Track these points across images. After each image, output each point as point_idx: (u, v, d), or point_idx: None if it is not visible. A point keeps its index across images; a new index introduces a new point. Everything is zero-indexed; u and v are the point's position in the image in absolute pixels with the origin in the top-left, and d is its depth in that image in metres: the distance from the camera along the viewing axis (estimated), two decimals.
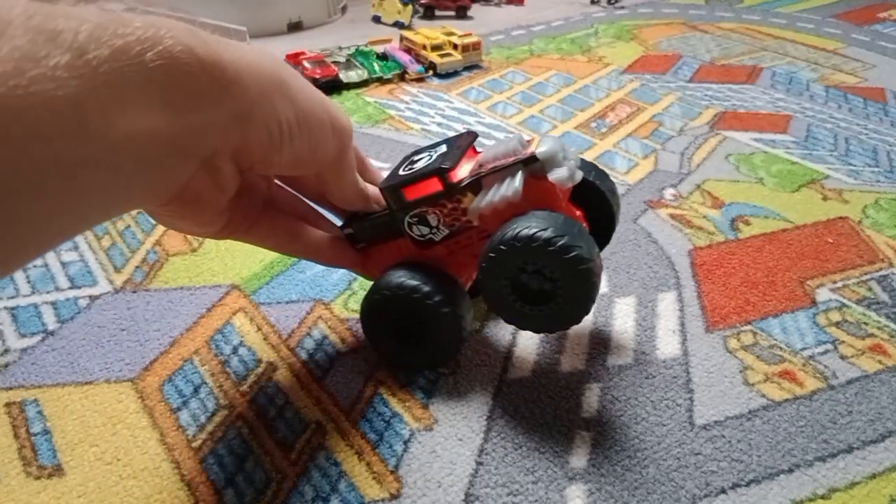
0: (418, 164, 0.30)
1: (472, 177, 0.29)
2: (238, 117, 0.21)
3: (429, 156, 0.31)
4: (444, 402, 0.31)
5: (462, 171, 0.29)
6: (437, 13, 1.09)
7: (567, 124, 0.64)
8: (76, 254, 0.43)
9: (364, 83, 0.75)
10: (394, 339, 0.32)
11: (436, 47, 0.79)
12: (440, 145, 0.31)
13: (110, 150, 0.17)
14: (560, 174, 0.27)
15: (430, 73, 0.78)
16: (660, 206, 0.49)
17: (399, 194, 0.30)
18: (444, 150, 0.30)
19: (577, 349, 0.34)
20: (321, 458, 0.28)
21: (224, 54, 0.20)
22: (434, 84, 0.76)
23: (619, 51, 0.88)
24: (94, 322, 0.37)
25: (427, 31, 0.83)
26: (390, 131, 0.63)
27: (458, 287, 0.31)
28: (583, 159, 0.32)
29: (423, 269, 0.31)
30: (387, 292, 0.30)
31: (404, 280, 0.30)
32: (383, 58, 0.80)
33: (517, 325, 0.29)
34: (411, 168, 0.30)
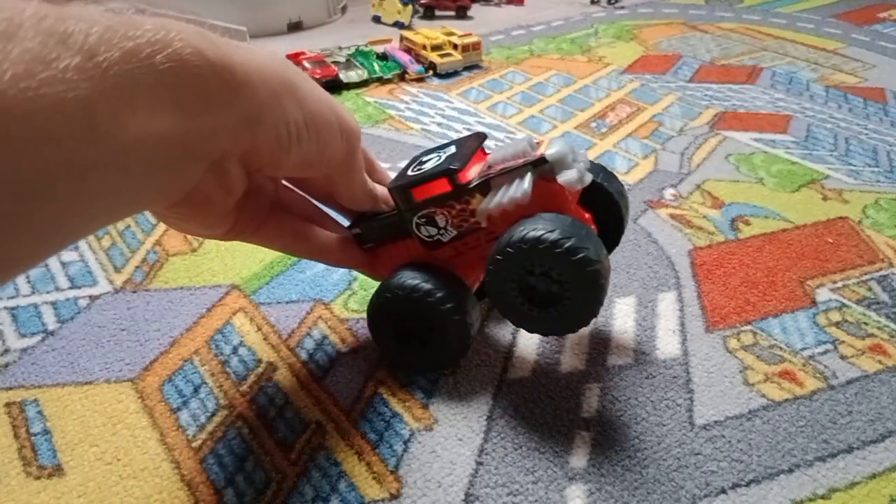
0: (427, 165, 0.30)
1: (481, 178, 0.29)
2: (247, 119, 0.21)
3: (437, 157, 0.30)
4: (444, 402, 0.31)
5: (471, 172, 0.29)
6: (437, 13, 1.09)
7: (567, 124, 0.64)
8: (76, 254, 0.43)
9: (364, 83, 0.75)
10: (400, 340, 0.32)
11: (436, 47, 0.79)
12: (449, 146, 0.31)
13: (120, 152, 0.17)
14: (569, 176, 0.27)
15: (430, 73, 0.78)
16: (660, 206, 0.49)
17: (408, 195, 0.30)
18: (452, 152, 0.30)
19: (577, 349, 0.34)
20: (321, 458, 0.28)
21: (234, 56, 0.20)
22: (434, 84, 0.76)
23: (619, 51, 0.88)
24: (94, 322, 0.37)
25: (427, 31, 0.83)
26: (390, 131, 0.63)
27: (465, 289, 0.31)
28: (591, 161, 0.32)
29: (431, 270, 0.30)
30: (395, 293, 0.30)
31: (412, 281, 0.30)
32: (383, 58, 0.80)
33: (524, 328, 0.29)
34: (420, 169, 0.30)
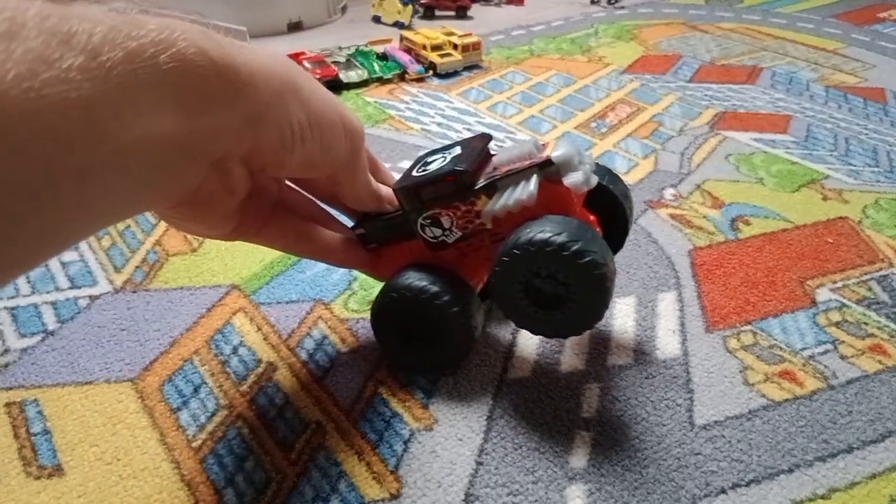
0: (432, 166, 0.30)
1: (487, 179, 0.29)
2: (250, 120, 0.21)
3: (443, 157, 0.30)
4: (444, 402, 0.31)
5: (476, 173, 0.29)
6: (437, 13, 1.09)
7: (567, 124, 0.64)
8: (76, 254, 0.43)
9: (364, 83, 0.75)
10: (404, 341, 0.32)
11: (436, 47, 0.79)
12: (454, 147, 0.31)
13: (123, 152, 0.17)
14: (575, 178, 0.27)
15: (430, 73, 0.78)
16: (660, 206, 0.49)
17: (413, 195, 0.30)
18: (458, 153, 0.30)
19: (577, 349, 0.34)
20: (321, 458, 0.28)
21: (237, 57, 0.20)
22: (434, 84, 0.76)
23: (619, 51, 0.88)
24: (94, 322, 0.37)
25: (427, 31, 0.83)
26: (390, 131, 0.63)
27: (469, 290, 0.31)
28: (597, 163, 0.32)
29: (435, 271, 0.30)
30: (398, 294, 0.30)
31: (416, 282, 0.30)
32: (383, 58, 0.80)
33: (529, 330, 0.29)
34: (425, 169, 0.30)
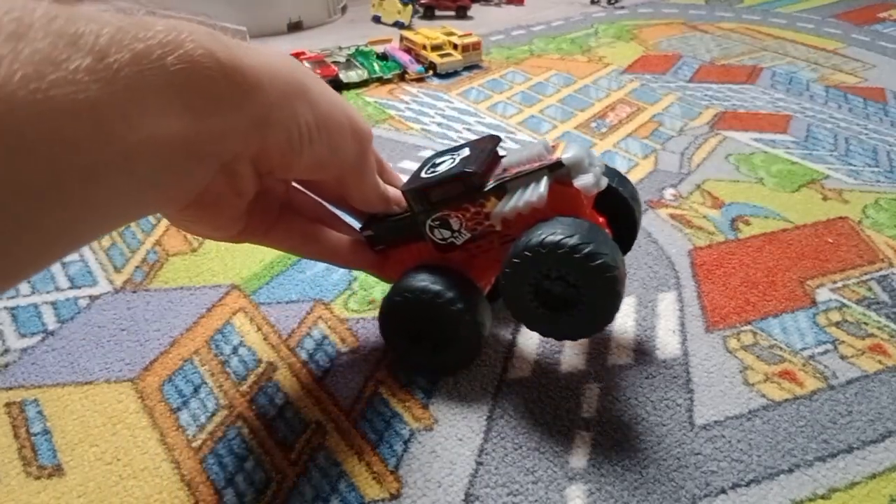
0: (441, 167, 0.30)
1: (497, 181, 0.29)
2: (258, 122, 0.21)
3: (451, 159, 0.30)
4: (444, 402, 0.31)
5: (486, 174, 0.29)
6: (437, 13, 1.09)
7: (567, 124, 0.64)
8: (76, 254, 0.43)
9: (364, 83, 0.75)
10: (412, 342, 0.32)
11: (436, 47, 0.79)
12: (463, 148, 0.31)
13: (129, 154, 0.17)
14: (586, 180, 0.27)
15: (430, 73, 0.78)
16: (660, 206, 0.49)
17: (422, 197, 0.30)
18: (467, 154, 0.30)
19: (577, 349, 0.34)
20: (321, 458, 0.28)
21: (245, 59, 0.20)
22: (434, 84, 0.76)
23: (619, 51, 0.88)
24: (94, 322, 0.37)
25: (427, 31, 0.83)
26: (390, 131, 0.63)
27: (478, 292, 0.31)
28: (606, 165, 0.32)
29: (444, 272, 0.30)
30: (407, 295, 0.30)
31: (425, 284, 0.30)
32: (383, 58, 0.80)
33: (538, 332, 0.29)
34: (433, 171, 0.30)
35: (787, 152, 0.57)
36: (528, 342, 0.35)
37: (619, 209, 0.33)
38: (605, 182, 0.29)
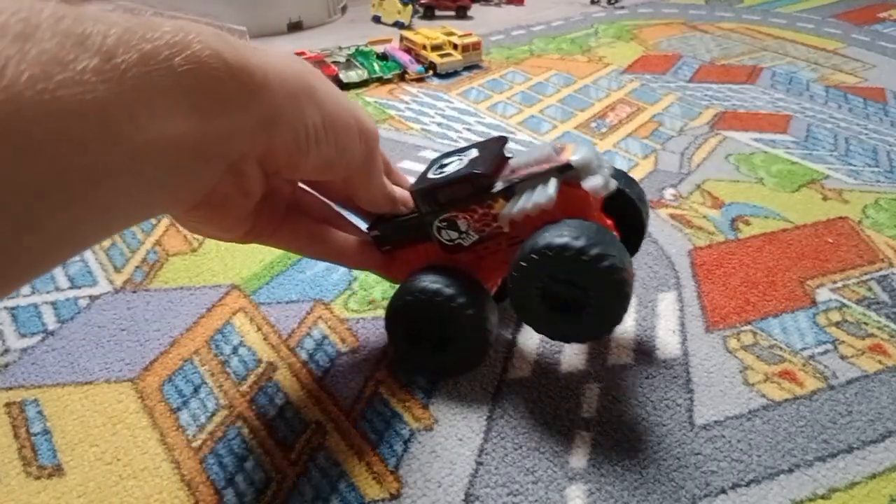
0: (448, 168, 0.30)
1: (505, 182, 0.28)
2: (265, 122, 0.21)
3: (459, 160, 0.30)
4: (444, 402, 0.31)
5: (494, 176, 0.29)
6: (437, 13, 1.09)
7: (567, 124, 0.64)
8: None
9: (364, 83, 0.75)
10: (418, 343, 0.32)
11: (436, 47, 0.79)
12: (470, 149, 0.31)
13: (137, 155, 0.17)
14: (595, 182, 0.27)
15: (430, 73, 0.78)
16: (660, 206, 0.49)
17: (430, 197, 0.30)
18: (474, 155, 0.30)
19: (576, 349, 0.34)
20: (321, 458, 0.28)
21: (252, 59, 0.20)
22: (434, 84, 0.76)
23: (619, 51, 0.88)
24: (94, 322, 0.37)
25: (427, 31, 0.83)
26: (390, 131, 0.63)
27: (485, 293, 0.31)
28: (614, 167, 0.32)
29: (451, 274, 0.30)
30: (414, 296, 0.30)
31: (432, 285, 0.29)
32: (383, 58, 0.80)
33: (545, 334, 0.29)
34: (441, 171, 0.30)
35: (787, 152, 0.57)
36: (528, 342, 0.35)
37: (626, 211, 0.32)
38: (614, 184, 0.29)
